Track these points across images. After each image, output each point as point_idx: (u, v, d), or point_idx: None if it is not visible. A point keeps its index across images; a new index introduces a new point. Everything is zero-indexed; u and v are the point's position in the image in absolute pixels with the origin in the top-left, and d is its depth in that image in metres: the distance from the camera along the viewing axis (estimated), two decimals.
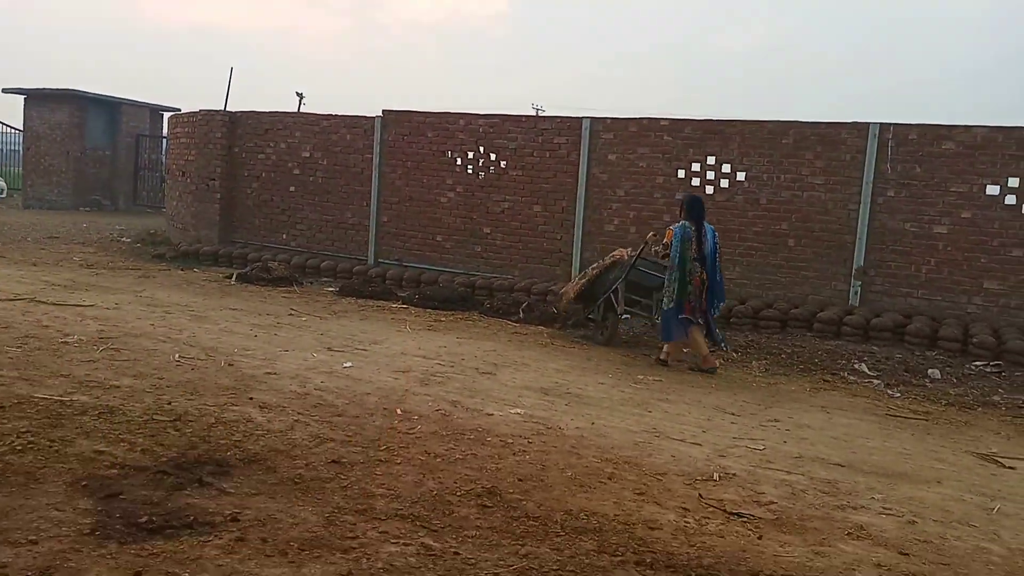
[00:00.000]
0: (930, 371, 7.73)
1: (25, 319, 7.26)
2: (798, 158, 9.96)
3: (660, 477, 4.25)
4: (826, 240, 9.84)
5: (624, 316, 8.45)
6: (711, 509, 3.84)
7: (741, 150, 10.24)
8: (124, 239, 15.19)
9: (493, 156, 11.78)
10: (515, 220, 11.66)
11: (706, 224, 7.70)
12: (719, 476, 4.35)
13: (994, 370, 7.81)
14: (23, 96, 22.91)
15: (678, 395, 6.26)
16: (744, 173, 10.24)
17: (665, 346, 7.61)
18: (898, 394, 6.96)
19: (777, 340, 8.75)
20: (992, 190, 9.08)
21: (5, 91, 23.13)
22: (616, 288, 8.13)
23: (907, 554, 3.48)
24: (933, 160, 9.32)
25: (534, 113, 52.86)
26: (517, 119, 11.84)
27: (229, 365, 6.07)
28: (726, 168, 10.34)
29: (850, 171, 9.71)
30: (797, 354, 8.18)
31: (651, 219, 10.69)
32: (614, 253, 8.51)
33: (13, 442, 3.98)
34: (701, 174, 10.48)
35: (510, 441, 4.64)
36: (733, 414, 5.81)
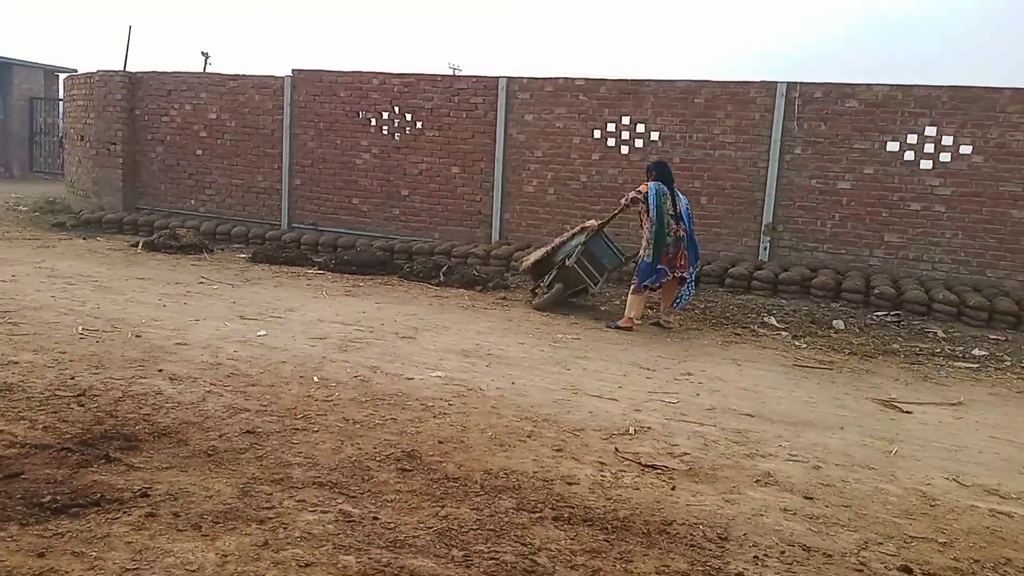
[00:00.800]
0: (835, 322, 8.07)
1: None
2: (710, 117, 10.14)
3: (578, 433, 4.33)
4: (737, 197, 10.09)
5: (591, 294, 8.47)
6: (627, 463, 3.93)
7: (655, 109, 10.36)
8: (20, 207, 14.39)
9: (409, 116, 11.59)
10: (433, 182, 11.54)
11: (677, 192, 7.73)
12: (635, 430, 4.45)
13: (894, 319, 8.21)
14: None
15: (596, 353, 6.36)
16: (658, 132, 10.38)
17: (627, 311, 7.47)
18: (805, 345, 7.24)
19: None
20: (892, 146, 9.46)
21: None
22: (575, 255, 7.88)
23: (811, 498, 3.64)
24: (837, 118, 9.62)
25: (451, 72, 51.98)
26: (432, 78, 11.65)
27: (136, 337, 5.85)
28: (640, 128, 10.45)
29: (759, 129, 9.95)
30: (710, 309, 8.41)
31: (569, 179, 10.76)
32: (585, 223, 8.28)
33: None
34: (616, 134, 10.57)
35: (430, 404, 4.64)
36: (649, 369, 5.95)
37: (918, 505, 3.66)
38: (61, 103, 19.99)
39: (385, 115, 11.72)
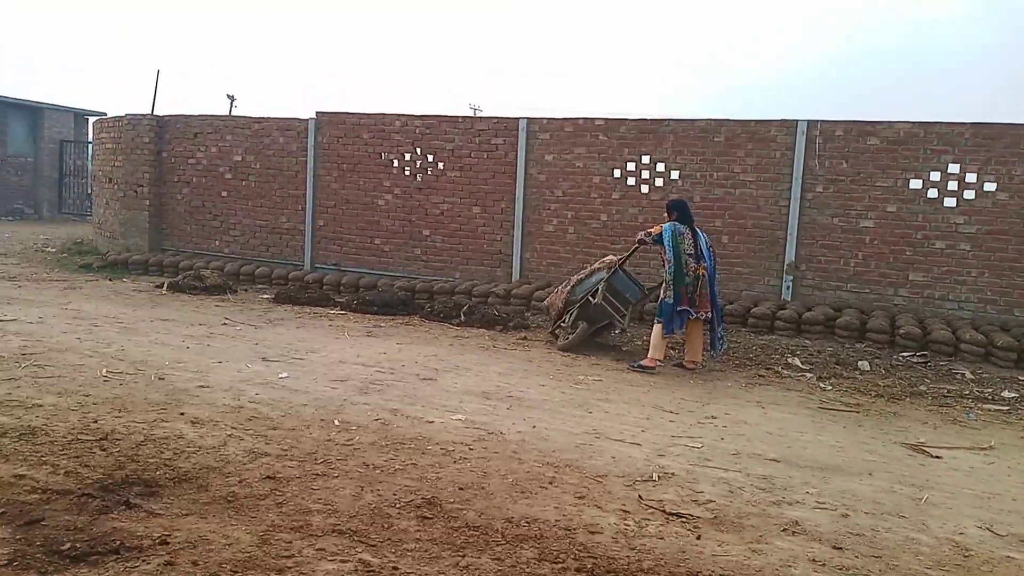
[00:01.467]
0: (860, 363, 7.95)
1: None
2: (730, 156, 10.15)
3: (601, 480, 4.27)
4: (759, 236, 10.05)
5: (620, 329, 8.33)
6: (651, 510, 3.86)
7: (675, 148, 10.39)
8: (49, 249, 14.64)
9: (431, 157, 11.71)
10: (454, 222, 11.61)
11: (698, 229, 7.75)
12: (658, 476, 4.39)
13: (920, 360, 8.07)
14: None
15: (618, 395, 6.31)
16: (678, 171, 10.39)
17: (651, 352, 7.38)
18: (830, 387, 7.13)
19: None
20: (915, 184, 9.40)
21: None
22: (600, 291, 7.91)
23: (840, 548, 3.55)
24: (859, 156, 9.59)
25: (472, 113, 52.74)
26: (453, 120, 11.78)
27: (160, 379, 5.89)
28: (660, 167, 10.47)
29: (780, 168, 9.93)
30: (733, 349, 8.33)
31: (589, 219, 10.78)
32: (604, 258, 8.29)
33: None
34: (636, 173, 10.60)
35: (451, 449, 4.60)
36: (671, 412, 5.88)
37: (951, 556, 3.56)
38: (90, 146, 20.44)
39: (407, 156, 11.85)
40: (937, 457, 5.13)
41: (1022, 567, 3.48)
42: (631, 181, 10.62)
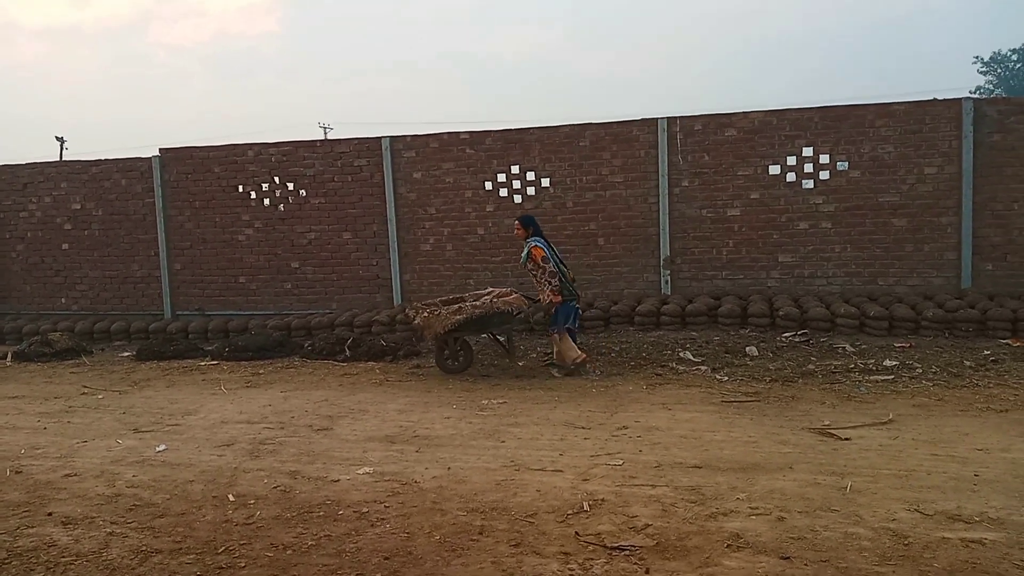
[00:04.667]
0: (748, 349, 8.13)
1: None
2: (596, 159, 10.20)
3: (531, 519, 4.03)
4: (632, 235, 10.15)
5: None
6: (591, 547, 3.66)
7: (542, 156, 10.33)
8: None
9: (291, 186, 11.15)
10: (324, 250, 11.10)
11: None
12: (588, 505, 4.20)
13: (802, 339, 8.35)
14: None
15: (526, 416, 6.10)
16: (548, 179, 10.35)
17: (567, 353, 7.63)
18: (726, 377, 7.22)
19: (604, 339, 8.87)
20: (774, 170, 9.75)
21: None
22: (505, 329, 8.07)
23: (788, 557, 3.47)
24: (719, 147, 9.86)
25: (322, 131, 51.06)
26: (311, 144, 11.27)
27: (16, 473, 5.17)
28: (531, 175, 10.39)
29: (646, 166, 10.07)
30: (625, 350, 8.32)
31: (466, 234, 10.55)
32: (508, 299, 7.88)
33: None
34: (507, 184, 10.48)
35: (365, 510, 4.23)
36: (583, 428, 5.73)
37: (892, 547, 3.55)
38: None
39: (265, 187, 11.23)
40: (846, 439, 5.23)
41: (959, 547, 3.52)
42: (503, 192, 10.49)
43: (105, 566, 3.67)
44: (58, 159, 16.27)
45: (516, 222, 8.19)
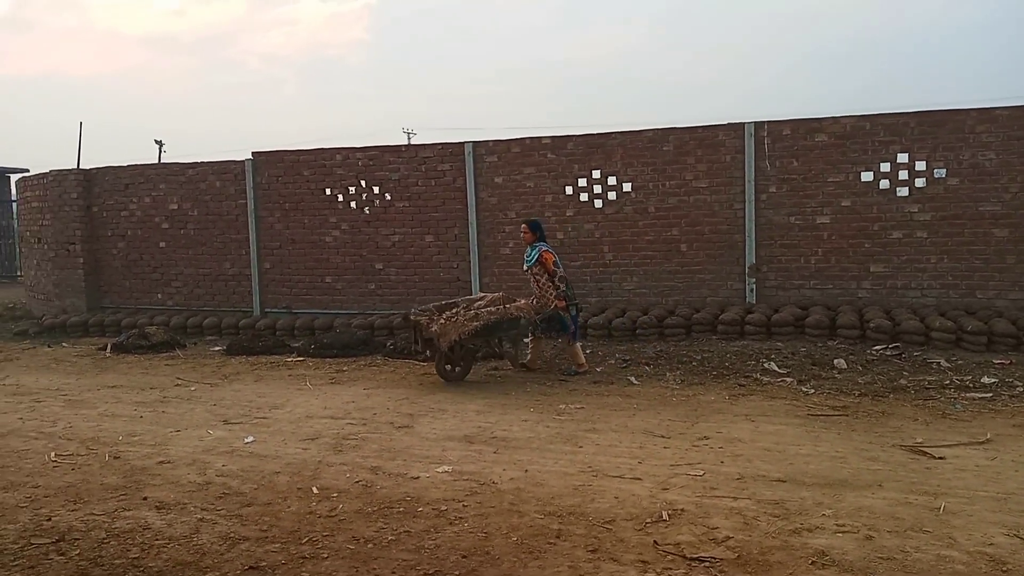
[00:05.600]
0: (836, 361, 7.87)
1: None
2: (680, 163, 10.06)
3: (609, 526, 4.00)
4: (717, 241, 9.96)
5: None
6: (670, 557, 3.61)
7: (624, 161, 10.26)
8: None
9: (376, 189, 11.37)
10: (407, 253, 11.29)
11: None
12: (668, 514, 4.14)
13: (894, 352, 8.03)
14: None
15: (604, 422, 6.06)
16: (630, 183, 10.26)
17: (578, 359, 7.94)
18: (812, 390, 7.01)
19: (685, 347, 8.73)
20: (866, 176, 9.42)
21: None
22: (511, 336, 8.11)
23: None
24: (808, 153, 9.59)
25: (405, 136, 52.06)
26: (396, 149, 11.49)
27: (115, 458, 5.43)
28: (612, 180, 10.32)
29: (732, 171, 9.87)
30: (707, 359, 8.17)
31: (547, 238, 10.53)
32: (520, 305, 7.95)
33: None
34: (588, 188, 10.44)
35: (444, 508, 4.29)
36: (663, 436, 5.65)
37: (989, 572, 3.38)
38: (15, 205, 19.51)
39: (352, 190, 11.49)
40: (940, 458, 5.00)
41: None
42: (584, 197, 10.45)
43: (196, 550, 3.82)
44: (157, 162, 17.10)
45: (523, 225, 8.33)
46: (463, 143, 10.94)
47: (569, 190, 10.47)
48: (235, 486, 4.77)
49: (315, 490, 4.65)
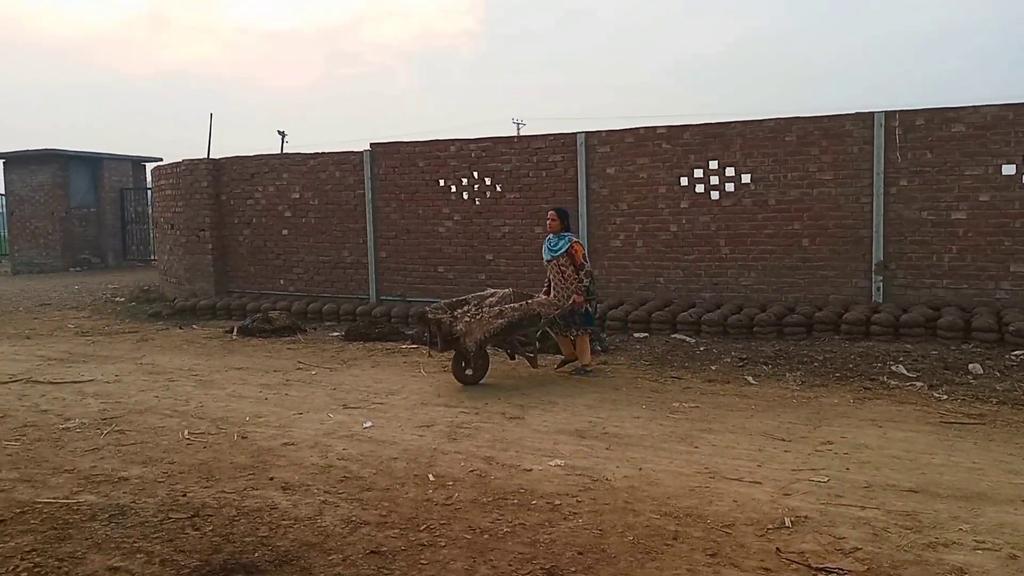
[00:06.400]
0: (971, 366, 7.39)
1: (22, 404, 6.90)
2: (804, 155, 9.66)
3: (728, 530, 3.89)
4: (841, 236, 9.53)
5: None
6: (794, 566, 3.48)
7: (744, 151, 9.94)
8: (118, 299, 14.81)
9: (488, 180, 11.47)
10: (517, 244, 11.34)
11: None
12: (791, 521, 3.99)
13: None
14: (2, 161, 22.58)
15: (720, 423, 5.90)
16: (749, 175, 9.94)
17: (585, 351, 7.75)
18: (944, 395, 6.61)
19: (806, 346, 8.40)
20: (1008, 170, 8.80)
21: None
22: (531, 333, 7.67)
23: None
24: (944, 144, 9.03)
25: (515, 127, 52.26)
26: (509, 140, 11.55)
27: (243, 438, 5.70)
28: (730, 171, 10.03)
29: (859, 163, 9.41)
30: (830, 360, 7.83)
31: (658, 230, 10.38)
32: (542, 301, 7.67)
33: (17, 566, 3.61)
34: (704, 179, 10.18)
35: (558, 502, 4.28)
36: (783, 440, 5.46)
37: None
38: (150, 192, 20.78)
39: (464, 181, 11.64)
40: None
41: None
42: (700, 188, 10.20)
43: (319, 532, 3.96)
44: (279, 151, 17.87)
45: (552, 212, 8.05)
46: (575, 134, 10.88)
47: (684, 181, 10.25)
48: (355, 470, 4.91)
49: (431, 477, 4.73)
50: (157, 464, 5.13)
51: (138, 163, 24.15)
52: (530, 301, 7.65)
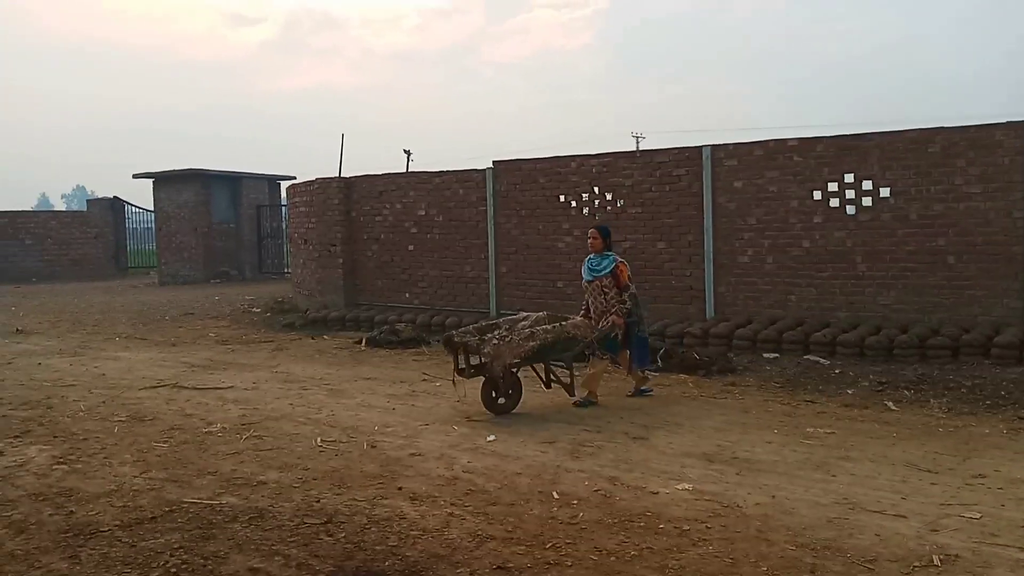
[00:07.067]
0: None
1: (169, 408, 7.34)
2: (949, 167, 9.09)
3: (870, 565, 3.67)
4: (991, 253, 8.88)
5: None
6: None
7: (882, 164, 9.45)
8: (254, 309, 15.62)
9: (609, 196, 11.40)
10: (638, 259, 11.17)
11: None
12: (939, 560, 3.72)
13: None
14: (151, 180, 24.33)
15: (859, 451, 5.59)
16: (888, 188, 9.43)
17: (591, 377, 7.29)
18: None
19: (952, 371, 7.87)
20: None
21: (135, 176, 24.67)
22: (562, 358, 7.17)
23: None
24: None
25: (634, 140, 51.89)
26: (631, 155, 11.45)
27: (372, 447, 5.86)
28: (867, 185, 9.55)
29: (1011, 175, 8.77)
30: (979, 387, 7.30)
31: (788, 246, 10.00)
32: (577, 323, 7.29)
33: (167, 562, 3.83)
34: (839, 193, 9.73)
35: (686, 528, 4.16)
36: (929, 471, 5.11)
37: None
38: (284, 209, 21.87)
39: (585, 196, 11.61)
40: None
41: None
42: (834, 202, 9.76)
43: (447, 544, 4.00)
44: (405, 170, 18.48)
45: (593, 230, 7.66)
46: (700, 147, 10.66)
47: (817, 195, 9.83)
48: (480, 484, 4.95)
49: (555, 495, 4.71)
50: (292, 470, 5.34)
51: (273, 181, 25.49)
52: (564, 323, 7.22)
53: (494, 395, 6.83)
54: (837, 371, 8.11)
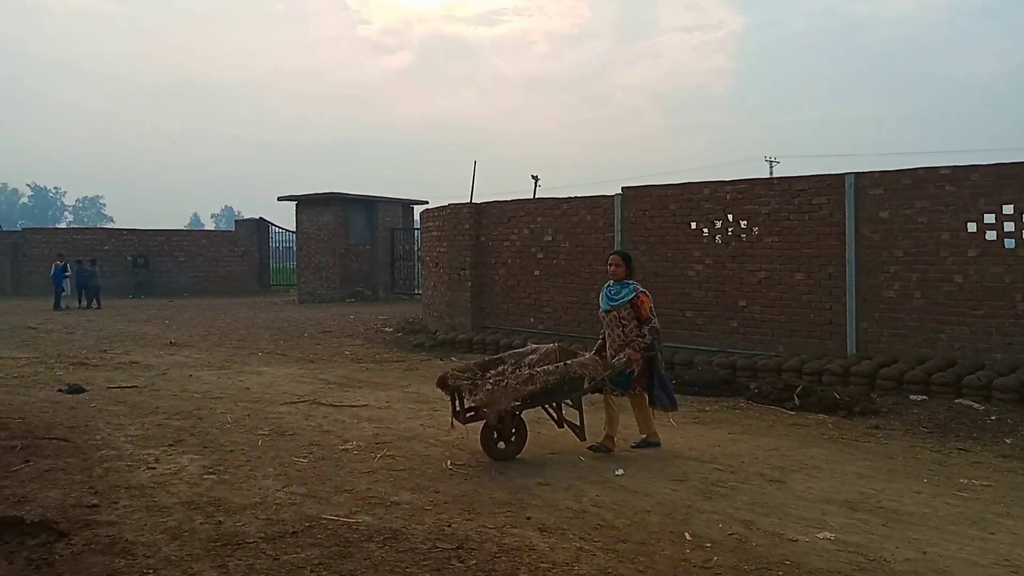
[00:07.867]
0: None
1: (308, 424, 7.67)
2: None
3: None
4: None
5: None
6: None
7: None
8: (387, 329, 16.15)
9: (744, 223, 11.10)
10: (773, 291, 10.81)
11: None
12: None
13: None
14: (295, 202, 25.70)
15: (1020, 506, 5.15)
16: None
17: (648, 421, 6.84)
18: None
19: None
20: None
21: (280, 199, 26.12)
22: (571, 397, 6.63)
23: None
24: None
25: (768, 165, 50.46)
26: (768, 182, 11.13)
27: (500, 474, 5.91)
28: None
29: None
30: None
31: (939, 281, 9.40)
32: (585, 362, 6.60)
33: None
34: (997, 226, 9.08)
35: None
36: None
37: None
38: (416, 232, 22.58)
39: (718, 224, 11.35)
40: None
41: None
42: (991, 235, 9.11)
43: None
44: (532, 195, 18.70)
45: (615, 256, 7.01)
46: (843, 175, 10.22)
47: (972, 227, 9.22)
48: (609, 519, 4.88)
49: (687, 536, 4.58)
50: (424, 492, 5.45)
51: (407, 205, 26.41)
52: (571, 362, 6.55)
53: (495, 439, 6.35)
54: (993, 418, 7.53)
